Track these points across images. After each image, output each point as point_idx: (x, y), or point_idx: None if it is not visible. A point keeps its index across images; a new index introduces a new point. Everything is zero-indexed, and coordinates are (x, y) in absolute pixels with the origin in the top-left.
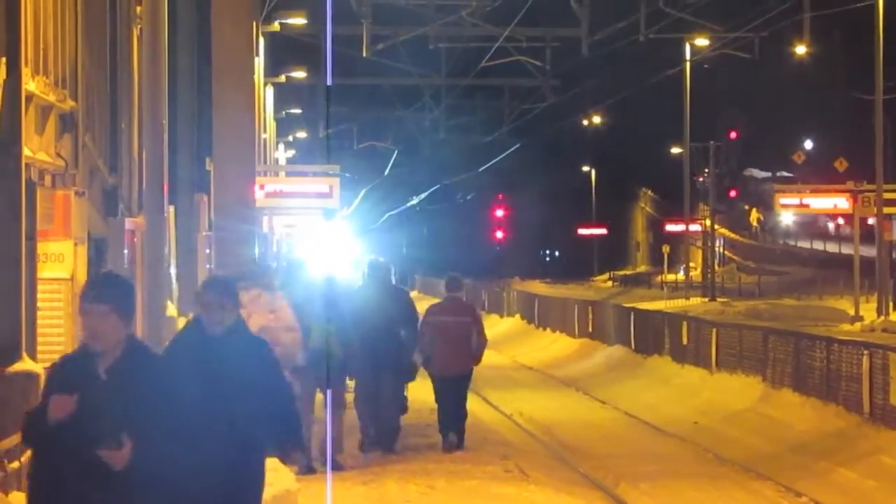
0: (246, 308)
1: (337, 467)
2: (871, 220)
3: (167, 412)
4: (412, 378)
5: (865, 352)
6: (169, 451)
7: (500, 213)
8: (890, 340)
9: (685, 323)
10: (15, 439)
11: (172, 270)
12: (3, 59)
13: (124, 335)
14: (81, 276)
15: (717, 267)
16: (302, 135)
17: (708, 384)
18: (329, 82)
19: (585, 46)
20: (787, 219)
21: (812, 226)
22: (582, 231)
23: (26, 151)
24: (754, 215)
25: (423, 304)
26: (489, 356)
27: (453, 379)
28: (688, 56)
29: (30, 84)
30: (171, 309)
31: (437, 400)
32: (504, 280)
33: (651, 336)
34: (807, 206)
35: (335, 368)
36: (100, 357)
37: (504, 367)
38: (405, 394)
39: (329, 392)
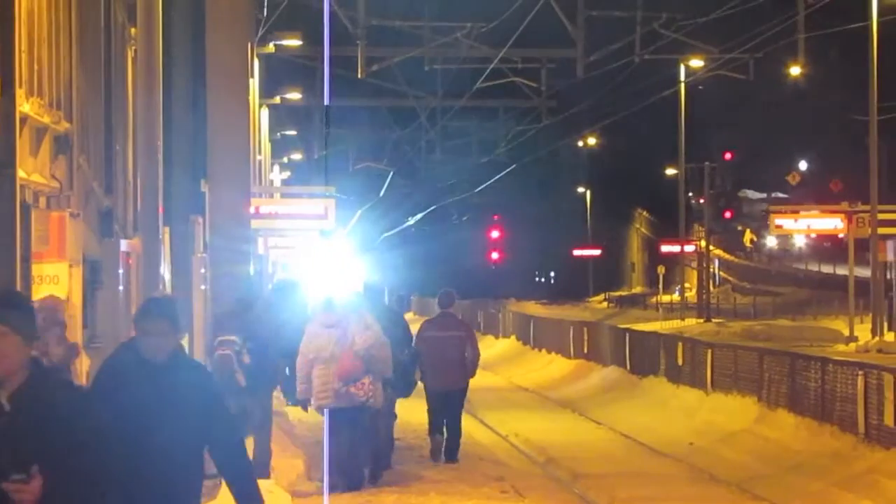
0: (344, 326)
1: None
2: (840, 235)
3: (88, 442)
4: (407, 395)
5: (860, 372)
6: (94, 483)
7: (495, 234)
8: (884, 361)
9: (681, 344)
10: None
11: (168, 292)
12: None
13: (27, 358)
14: (77, 298)
15: (712, 288)
16: (297, 156)
17: (704, 405)
18: (327, 101)
19: (580, 67)
20: (799, 240)
21: (824, 248)
22: (577, 252)
23: (21, 173)
24: (748, 236)
25: (419, 325)
26: (485, 377)
27: (448, 393)
28: (683, 77)
29: (24, 106)
30: None
31: (429, 412)
32: (500, 301)
33: (647, 357)
34: (777, 226)
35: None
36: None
37: (500, 388)
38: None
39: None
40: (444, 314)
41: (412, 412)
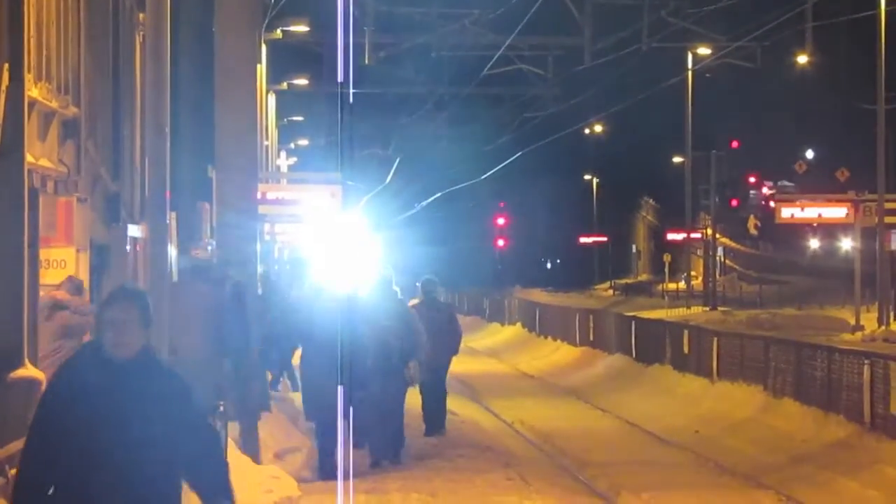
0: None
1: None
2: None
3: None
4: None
5: (866, 361)
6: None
7: (501, 221)
8: (890, 350)
9: (686, 332)
10: (17, 445)
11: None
12: (6, 65)
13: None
14: (83, 282)
15: (718, 276)
16: (304, 142)
17: (709, 393)
18: (340, 79)
19: (588, 55)
20: (846, 244)
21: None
22: (583, 239)
23: (29, 158)
24: (752, 222)
25: None
26: (490, 364)
27: (435, 369)
28: (690, 65)
29: (32, 90)
30: None
31: (421, 390)
32: (505, 289)
33: (652, 345)
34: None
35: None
36: None
37: (505, 375)
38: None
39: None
40: (429, 299)
41: (414, 399)
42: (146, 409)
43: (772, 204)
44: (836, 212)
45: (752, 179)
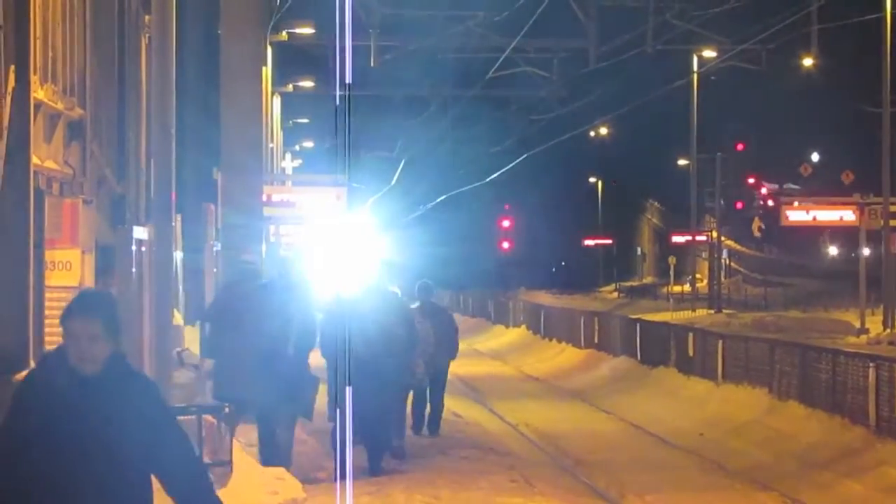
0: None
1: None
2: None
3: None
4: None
5: (871, 364)
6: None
7: (506, 223)
8: None
9: (691, 334)
10: None
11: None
12: (12, 67)
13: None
14: (89, 285)
15: (723, 278)
16: (309, 144)
17: (714, 396)
18: (348, 79)
19: (593, 58)
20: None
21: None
22: (588, 242)
23: (34, 159)
24: (755, 224)
25: None
26: (495, 366)
27: (435, 372)
28: (695, 68)
29: (38, 92)
30: (178, 318)
31: (415, 392)
32: (510, 291)
33: (657, 347)
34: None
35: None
36: None
37: (510, 377)
38: None
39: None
40: (427, 303)
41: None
42: (118, 421)
43: (770, 203)
44: (841, 214)
45: (750, 181)
